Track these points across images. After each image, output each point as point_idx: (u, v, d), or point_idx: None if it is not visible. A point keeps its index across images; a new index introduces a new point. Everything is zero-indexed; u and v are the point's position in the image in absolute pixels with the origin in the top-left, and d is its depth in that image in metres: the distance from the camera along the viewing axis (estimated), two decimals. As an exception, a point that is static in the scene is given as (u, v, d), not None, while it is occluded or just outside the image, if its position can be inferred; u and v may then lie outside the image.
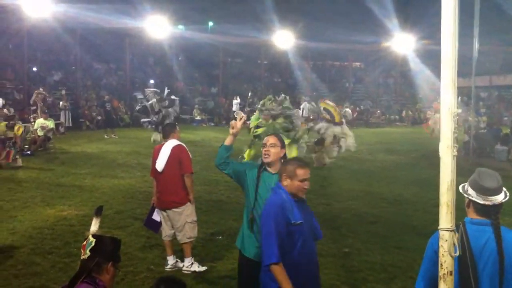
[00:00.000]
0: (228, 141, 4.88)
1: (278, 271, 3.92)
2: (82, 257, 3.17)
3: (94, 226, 3.35)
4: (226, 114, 37.07)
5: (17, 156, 15.92)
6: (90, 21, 30.36)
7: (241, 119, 4.96)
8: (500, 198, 3.27)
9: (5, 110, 21.37)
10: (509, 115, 35.57)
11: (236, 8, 42.84)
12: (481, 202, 3.25)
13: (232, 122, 4.92)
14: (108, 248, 3.22)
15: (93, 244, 3.16)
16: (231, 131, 4.90)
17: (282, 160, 4.72)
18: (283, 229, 4.00)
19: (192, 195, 7.13)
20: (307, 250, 4.15)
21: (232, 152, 4.92)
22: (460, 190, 3.31)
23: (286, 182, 4.18)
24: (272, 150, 4.69)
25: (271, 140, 4.76)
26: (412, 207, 11.29)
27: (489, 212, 3.26)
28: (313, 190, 10.83)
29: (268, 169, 4.73)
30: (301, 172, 4.15)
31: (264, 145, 4.75)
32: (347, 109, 38.03)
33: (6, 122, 17.60)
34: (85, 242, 3.20)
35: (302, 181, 4.16)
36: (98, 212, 3.49)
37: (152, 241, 8.22)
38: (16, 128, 17.78)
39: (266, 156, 4.70)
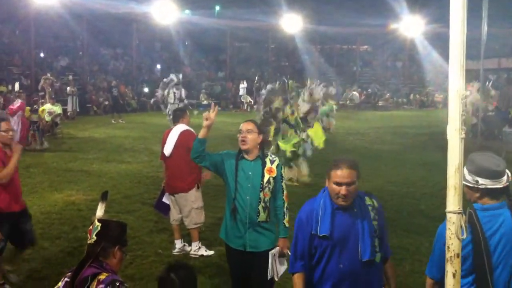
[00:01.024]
0: (202, 134, 4.61)
1: (294, 282, 3.58)
2: (89, 242, 3.18)
3: (100, 211, 3.35)
4: (233, 98, 37.02)
5: (43, 139, 16.46)
6: (96, 6, 30.40)
7: (214, 110, 4.65)
8: (505, 177, 3.18)
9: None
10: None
11: (243, -9, 42.53)
12: (499, 186, 3.14)
13: (205, 114, 4.61)
14: (114, 233, 3.23)
15: (99, 228, 3.17)
16: (205, 123, 4.59)
17: (258, 146, 4.64)
18: (307, 238, 3.48)
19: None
20: (340, 267, 3.42)
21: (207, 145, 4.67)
22: (469, 185, 3.18)
23: (326, 183, 3.47)
24: (249, 136, 4.57)
25: (248, 126, 4.63)
26: (420, 190, 11.28)
27: (503, 193, 3.18)
28: (320, 173, 10.85)
29: (246, 156, 4.62)
30: (335, 174, 3.36)
31: (241, 131, 4.61)
32: (354, 93, 38.00)
33: (30, 107, 17.93)
34: (91, 227, 3.21)
35: (336, 184, 3.36)
36: (104, 197, 3.49)
37: (159, 225, 8.26)
38: (40, 110, 18.32)
39: (243, 142, 4.57)
